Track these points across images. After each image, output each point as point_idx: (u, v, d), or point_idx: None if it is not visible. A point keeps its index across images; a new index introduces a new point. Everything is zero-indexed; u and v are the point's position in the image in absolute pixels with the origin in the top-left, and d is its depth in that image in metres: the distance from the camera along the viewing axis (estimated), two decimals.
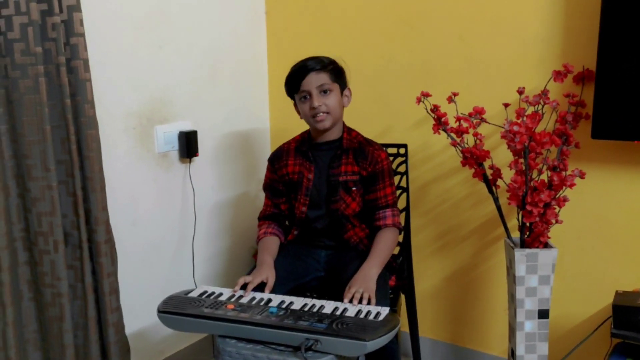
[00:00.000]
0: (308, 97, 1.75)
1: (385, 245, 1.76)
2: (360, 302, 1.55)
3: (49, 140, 1.63)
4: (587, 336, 1.88)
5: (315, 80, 1.73)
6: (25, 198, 1.67)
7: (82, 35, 1.64)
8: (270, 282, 1.67)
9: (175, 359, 2.23)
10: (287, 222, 1.93)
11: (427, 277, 2.24)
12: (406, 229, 2.07)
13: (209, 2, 2.22)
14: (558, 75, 1.80)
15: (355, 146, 1.81)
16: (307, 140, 1.86)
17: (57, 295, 1.69)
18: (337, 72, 1.77)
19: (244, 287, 1.65)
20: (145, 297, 2.04)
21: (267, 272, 1.69)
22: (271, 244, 1.83)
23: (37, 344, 1.74)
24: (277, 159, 1.89)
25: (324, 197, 1.82)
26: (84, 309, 1.76)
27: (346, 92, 1.82)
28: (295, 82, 1.76)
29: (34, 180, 1.64)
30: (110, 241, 1.78)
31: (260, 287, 1.66)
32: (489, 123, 1.82)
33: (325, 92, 1.74)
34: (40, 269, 1.69)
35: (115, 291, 1.80)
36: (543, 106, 1.79)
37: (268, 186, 1.92)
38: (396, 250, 1.93)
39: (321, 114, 1.74)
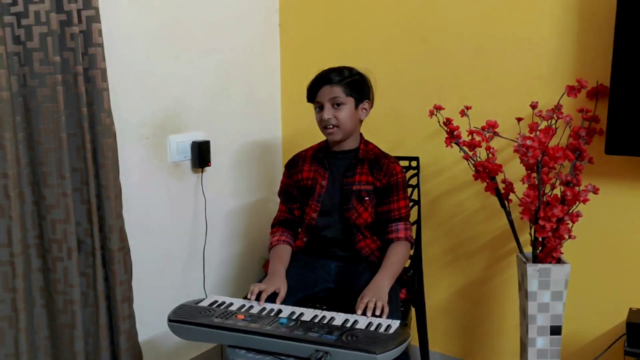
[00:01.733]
0: (321, 108, 1.78)
1: (397, 258, 1.76)
2: (373, 312, 1.54)
3: (65, 148, 1.65)
4: (600, 354, 1.85)
5: (328, 93, 1.76)
6: (40, 205, 1.68)
7: (101, 45, 1.67)
8: (282, 293, 1.67)
9: None
10: (299, 229, 1.93)
11: (437, 290, 2.23)
12: (417, 242, 2.07)
13: (224, 14, 2.25)
14: (572, 90, 1.80)
15: (371, 157, 1.83)
16: (324, 148, 1.88)
17: (69, 302, 1.70)
18: (354, 86, 1.78)
19: (258, 296, 1.65)
20: (156, 306, 2.04)
21: (279, 283, 1.70)
22: (284, 253, 1.84)
23: (48, 350, 1.74)
24: (293, 164, 1.91)
25: (337, 205, 1.83)
26: (95, 317, 1.76)
27: (364, 104, 1.83)
28: (311, 92, 1.80)
29: (50, 187, 1.66)
30: (124, 249, 1.79)
31: (272, 297, 1.66)
32: (502, 137, 1.82)
33: (337, 105, 1.76)
34: (53, 276, 1.70)
35: (128, 299, 1.81)
36: (556, 121, 1.78)
37: (283, 191, 1.93)
38: (407, 263, 1.92)
39: (331, 126, 1.76)
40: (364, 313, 1.55)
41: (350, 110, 1.79)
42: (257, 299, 1.64)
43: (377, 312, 1.54)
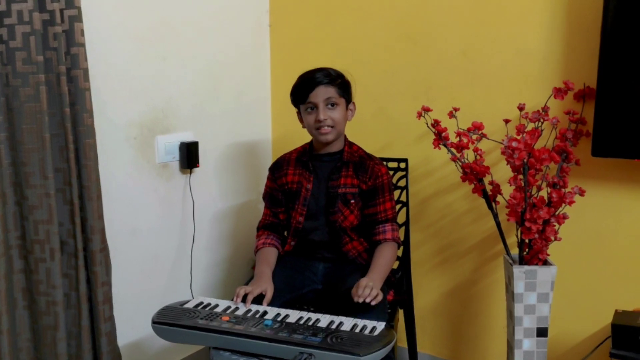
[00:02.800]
0: (314, 109, 1.76)
1: (384, 260, 1.75)
2: (363, 308, 1.54)
3: (48, 149, 1.63)
4: (585, 356, 1.85)
5: (323, 93, 1.75)
6: (22, 206, 1.67)
7: (83, 45, 1.65)
8: (269, 295, 1.67)
9: None
10: (285, 233, 1.92)
11: (426, 292, 2.23)
12: (406, 244, 2.06)
13: (213, 14, 2.24)
14: (558, 92, 1.80)
15: (356, 160, 1.82)
16: (308, 151, 1.87)
17: (51, 303, 1.69)
18: (344, 87, 1.79)
19: (244, 298, 1.64)
20: (142, 307, 2.03)
21: (266, 285, 1.69)
22: (270, 256, 1.83)
23: (31, 352, 1.73)
24: (277, 168, 1.90)
25: (322, 208, 1.82)
26: (77, 318, 1.75)
27: (350, 106, 1.84)
28: (302, 93, 1.77)
29: (32, 187, 1.64)
30: (105, 250, 1.78)
31: (258, 299, 1.65)
32: (488, 138, 1.82)
33: (332, 105, 1.75)
34: (35, 277, 1.69)
35: (109, 300, 1.79)
36: (542, 123, 1.78)
37: (268, 195, 1.92)
38: (395, 265, 1.92)
39: (326, 127, 1.75)
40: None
41: (343, 111, 1.79)
42: (244, 301, 1.63)
43: (372, 297, 1.55)
